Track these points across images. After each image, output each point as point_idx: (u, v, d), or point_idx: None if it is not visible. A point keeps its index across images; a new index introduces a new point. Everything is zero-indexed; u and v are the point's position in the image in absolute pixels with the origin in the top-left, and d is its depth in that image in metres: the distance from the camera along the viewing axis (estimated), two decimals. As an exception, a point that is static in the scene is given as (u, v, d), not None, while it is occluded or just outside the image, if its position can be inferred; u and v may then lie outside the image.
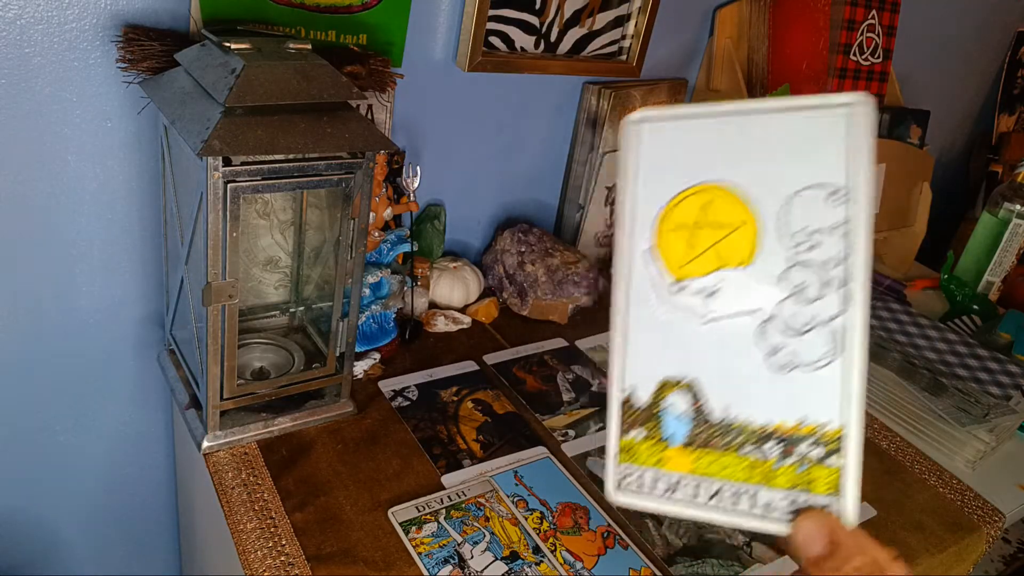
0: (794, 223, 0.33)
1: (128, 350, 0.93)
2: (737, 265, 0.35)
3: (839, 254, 0.33)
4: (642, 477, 0.36)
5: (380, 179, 0.90)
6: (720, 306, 0.35)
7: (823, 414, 0.33)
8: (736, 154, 0.35)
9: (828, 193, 0.33)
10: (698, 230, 0.35)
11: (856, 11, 1.28)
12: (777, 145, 0.34)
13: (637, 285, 0.37)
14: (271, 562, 0.66)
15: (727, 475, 0.34)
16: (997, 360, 0.99)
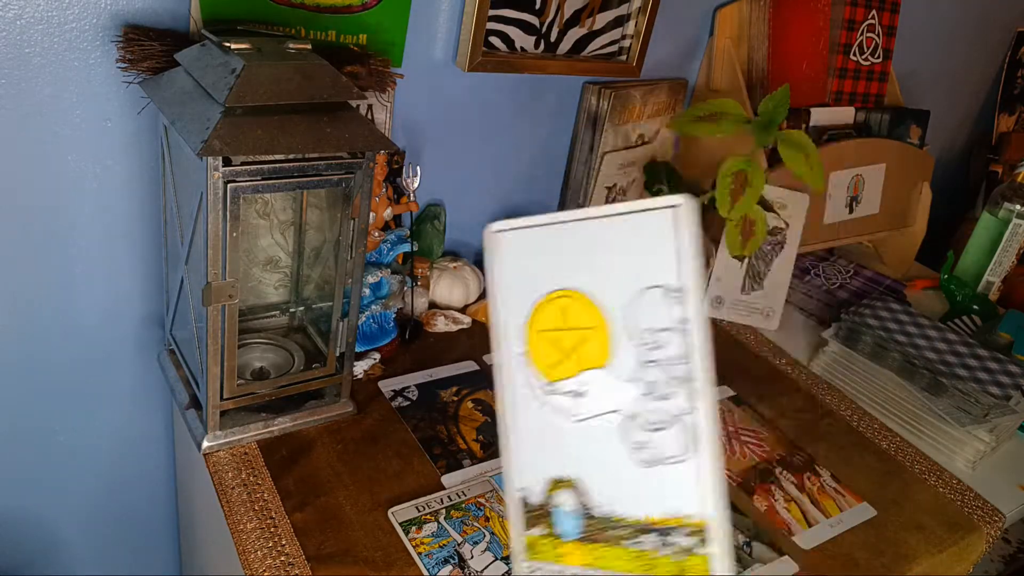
0: (640, 323, 0.35)
1: (128, 350, 0.93)
2: (596, 366, 0.36)
3: (682, 352, 0.34)
4: (546, 573, 0.37)
5: (380, 179, 0.90)
6: (587, 406, 0.36)
7: (687, 506, 0.34)
8: (582, 259, 0.36)
9: (664, 293, 0.34)
10: (560, 334, 0.37)
11: (856, 11, 1.28)
12: (615, 249, 0.35)
13: (516, 389, 0.38)
14: (271, 562, 0.66)
15: (618, 567, 0.36)
16: (997, 360, 0.99)
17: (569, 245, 0.37)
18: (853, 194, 1.24)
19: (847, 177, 1.23)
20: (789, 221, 1.13)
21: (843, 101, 1.30)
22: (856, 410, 1.00)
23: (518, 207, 1.17)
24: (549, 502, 0.37)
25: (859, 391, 1.02)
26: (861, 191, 1.25)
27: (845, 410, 1.00)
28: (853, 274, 1.32)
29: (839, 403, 1.01)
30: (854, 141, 1.25)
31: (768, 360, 1.07)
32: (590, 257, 0.36)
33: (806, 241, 1.18)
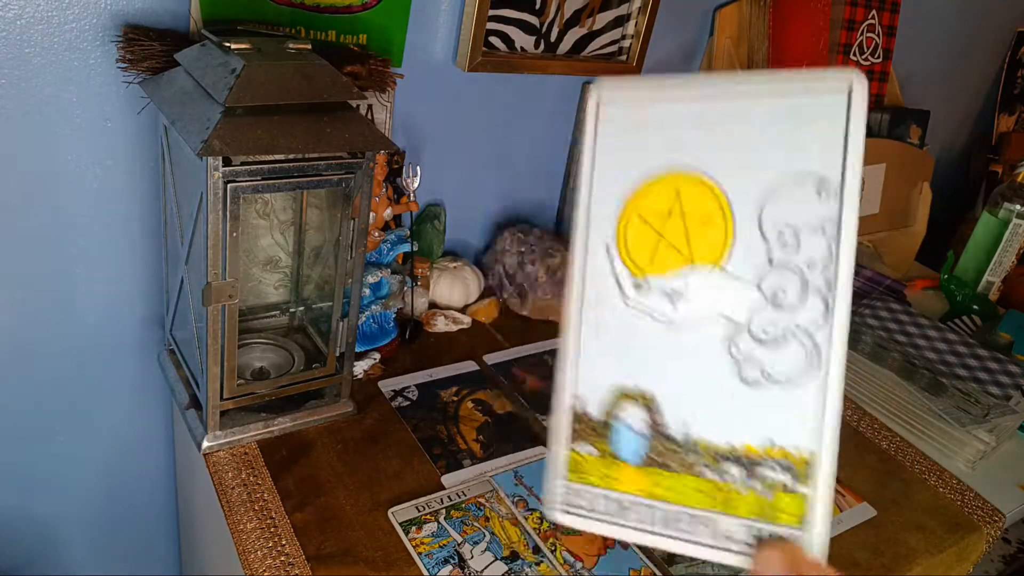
0: (775, 219, 0.29)
1: (128, 350, 0.93)
2: (708, 264, 0.30)
3: (823, 257, 0.28)
4: (590, 497, 0.32)
5: (380, 179, 0.90)
6: (686, 310, 0.30)
7: (793, 437, 0.29)
8: (712, 137, 0.30)
9: (815, 185, 0.28)
10: (665, 223, 0.30)
11: (856, 11, 1.28)
12: (760, 129, 0.29)
13: (594, 283, 0.33)
14: (271, 562, 0.66)
15: (684, 500, 0.31)
16: (997, 360, 0.99)
17: (694, 119, 0.30)
18: (853, 194, 1.24)
19: (847, 177, 1.23)
20: (789, 221, 1.13)
21: (843, 101, 1.30)
22: (856, 410, 1.00)
23: (518, 207, 1.17)
24: (611, 417, 0.31)
25: (859, 391, 1.02)
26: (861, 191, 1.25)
27: (845, 410, 1.00)
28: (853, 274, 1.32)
29: (839, 403, 1.01)
30: (854, 141, 1.25)
31: (768, 360, 1.07)
32: (721, 136, 0.30)
33: (806, 241, 1.17)
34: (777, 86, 0.29)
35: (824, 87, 0.28)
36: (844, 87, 0.28)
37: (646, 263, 0.31)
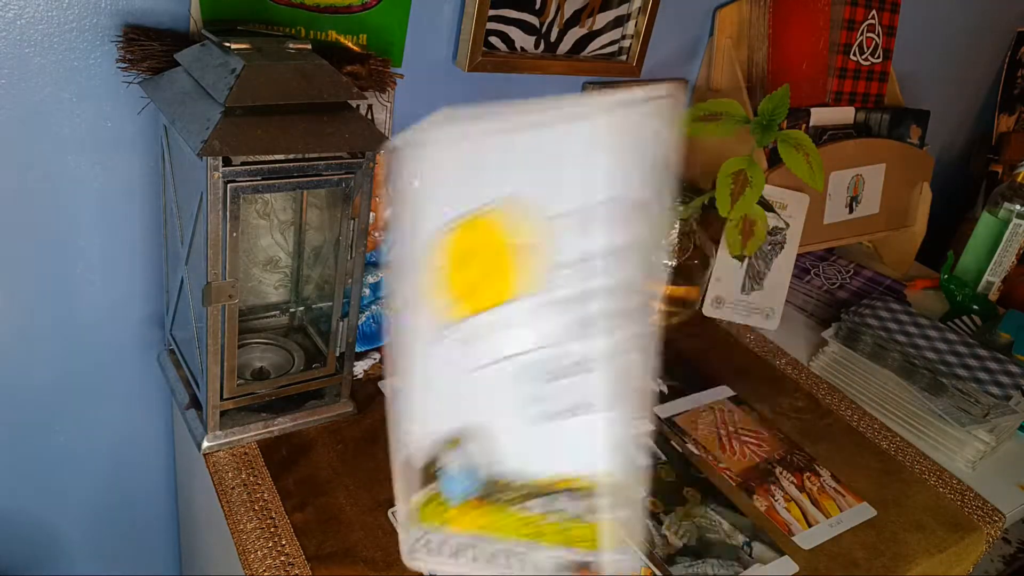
0: (578, 244, 0.27)
1: (128, 350, 0.93)
2: (509, 299, 0.28)
3: (628, 281, 0.27)
4: (431, 539, 0.32)
5: (380, 179, 0.90)
6: (485, 350, 0.29)
7: (581, 465, 0.28)
8: (514, 169, 0.29)
9: (617, 205, 0.27)
10: (471, 262, 0.29)
11: (856, 11, 1.28)
12: (562, 154, 0.28)
13: (409, 331, 0.31)
14: (271, 562, 0.66)
15: (504, 532, 0.30)
16: (997, 360, 1.00)
17: (499, 154, 0.28)
18: (853, 194, 1.24)
19: (847, 177, 1.23)
20: (789, 221, 1.13)
21: (843, 101, 1.30)
22: (856, 410, 1.00)
23: (518, 207, 1.17)
24: (439, 459, 0.31)
25: (859, 391, 1.02)
26: (861, 191, 1.25)
27: (845, 410, 1.00)
28: (853, 274, 1.32)
29: (839, 403, 1.01)
30: (854, 141, 1.25)
31: (768, 360, 1.07)
32: (525, 166, 0.28)
33: (806, 241, 1.18)
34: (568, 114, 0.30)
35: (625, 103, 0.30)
36: (650, 99, 0.29)
37: (454, 307, 0.32)
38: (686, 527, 0.76)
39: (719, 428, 0.91)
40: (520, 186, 0.28)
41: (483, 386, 0.29)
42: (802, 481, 0.85)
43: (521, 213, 0.27)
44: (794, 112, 1.18)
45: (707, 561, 0.73)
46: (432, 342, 0.29)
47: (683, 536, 0.75)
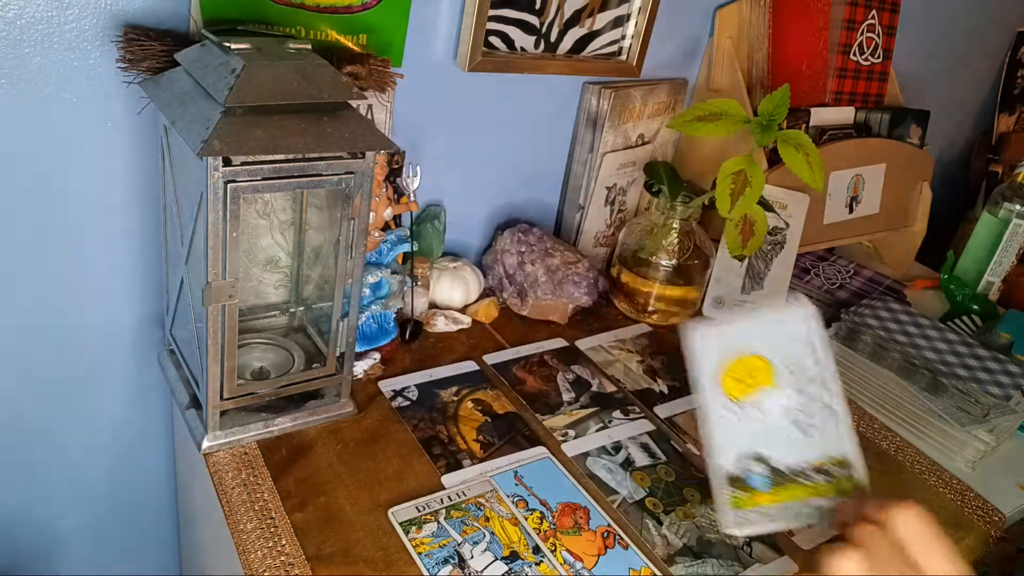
0: (792, 360, 0.58)
1: (128, 350, 0.93)
2: (766, 385, 0.58)
3: (820, 376, 0.58)
4: (746, 515, 0.56)
5: (380, 179, 0.90)
6: (767, 408, 0.58)
7: (834, 449, 0.57)
8: (758, 340, 0.59)
9: (805, 347, 0.58)
10: (740, 376, 0.59)
11: (856, 11, 1.28)
12: (772, 332, 0.59)
13: (714, 411, 0.58)
14: (271, 562, 0.66)
15: (796, 497, 0.56)
16: (997, 360, 1.00)
17: (747, 332, 0.59)
18: (853, 194, 1.24)
19: (847, 177, 1.23)
20: (789, 221, 1.13)
21: (843, 101, 1.30)
22: (856, 410, 1.00)
23: (518, 207, 1.17)
24: (743, 471, 0.57)
25: (859, 391, 1.02)
26: (861, 191, 1.25)
27: (845, 410, 1.00)
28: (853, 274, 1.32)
29: (839, 403, 1.01)
30: (854, 141, 1.25)
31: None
32: (765, 338, 0.59)
33: (806, 241, 1.18)
34: (777, 315, 0.59)
35: (795, 314, 0.59)
36: (804, 311, 0.59)
37: (736, 395, 0.58)
38: (686, 527, 0.76)
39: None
40: (760, 347, 0.59)
41: (771, 425, 0.58)
42: (802, 481, 0.85)
43: (762, 358, 0.59)
44: (794, 112, 1.18)
45: (707, 561, 0.73)
46: (731, 408, 0.58)
47: (683, 536, 0.75)
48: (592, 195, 1.14)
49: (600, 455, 0.84)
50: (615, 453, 0.85)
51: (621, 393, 0.94)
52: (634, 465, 0.83)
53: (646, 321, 1.11)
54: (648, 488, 0.80)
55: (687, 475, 0.83)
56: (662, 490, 0.81)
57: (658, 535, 0.75)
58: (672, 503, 0.79)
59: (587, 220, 1.16)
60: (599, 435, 0.87)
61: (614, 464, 0.83)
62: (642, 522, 0.76)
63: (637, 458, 0.84)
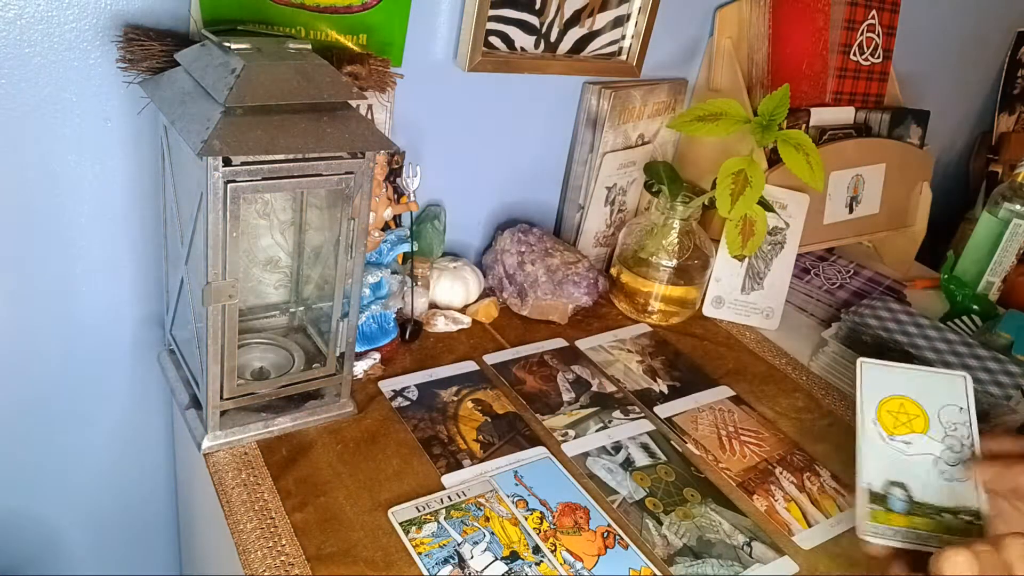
0: (945, 417, 0.70)
1: (128, 350, 0.93)
2: (920, 432, 0.69)
3: (966, 434, 0.68)
4: (880, 528, 0.64)
5: (380, 179, 0.90)
6: (915, 449, 0.68)
7: (967, 502, 0.64)
8: (915, 383, 0.73)
9: (958, 410, 0.70)
10: (897, 415, 0.70)
11: (856, 11, 1.28)
12: (933, 387, 0.72)
13: (869, 437, 0.69)
14: (271, 562, 0.66)
15: (927, 527, 0.63)
16: (997, 360, 1.00)
17: (905, 376, 0.74)
18: (853, 194, 1.24)
19: (847, 177, 1.23)
20: (789, 221, 1.13)
21: (843, 101, 1.30)
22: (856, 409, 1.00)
23: (518, 207, 1.17)
24: (886, 492, 0.66)
25: (859, 391, 1.02)
26: (861, 191, 1.25)
27: (845, 410, 1.00)
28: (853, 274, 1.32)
29: (839, 403, 1.01)
30: (854, 141, 1.25)
31: (768, 360, 1.07)
32: (923, 387, 0.72)
33: (806, 241, 1.18)
34: (943, 374, 0.74)
35: (957, 378, 0.72)
36: (963, 376, 0.72)
37: (891, 430, 0.70)
38: (686, 527, 0.76)
39: (719, 428, 0.91)
40: (920, 395, 0.72)
41: (915, 461, 0.67)
42: (802, 481, 0.85)
43: (919, 406, 0.71)
44: (794, 112, 1.18)
45: (707, 561, 0.73)
46: (885, 441, 0.69)
47: (683, 536, 0.75)
48: (592, 195, 1.14)
49: (600, 455, 0.84)
50: (615, 453, 0.85)
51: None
52: (634, 465, 0.83)
53: (646, 321, 1.11)
54: (648, 488, 0.80)
55: (687, 475, 0.83)
56: (662, 490, 0.81)
57: (658, 535, 0.75)
58: (672, 503, 0.79)
59: (587, 220, 1.16)
60: (599, 435, 0.87)
61: (614, 464, 0.83)
62: (642, 522, 0.76)
63: (637, 458, 0.84)
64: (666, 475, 0.83)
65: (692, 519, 0.78)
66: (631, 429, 0.89)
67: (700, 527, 0.77)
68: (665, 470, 0.84)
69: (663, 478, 0.82)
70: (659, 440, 0.88)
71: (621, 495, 0.79)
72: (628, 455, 0.85)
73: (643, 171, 1.16)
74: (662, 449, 0.86)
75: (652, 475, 0.82)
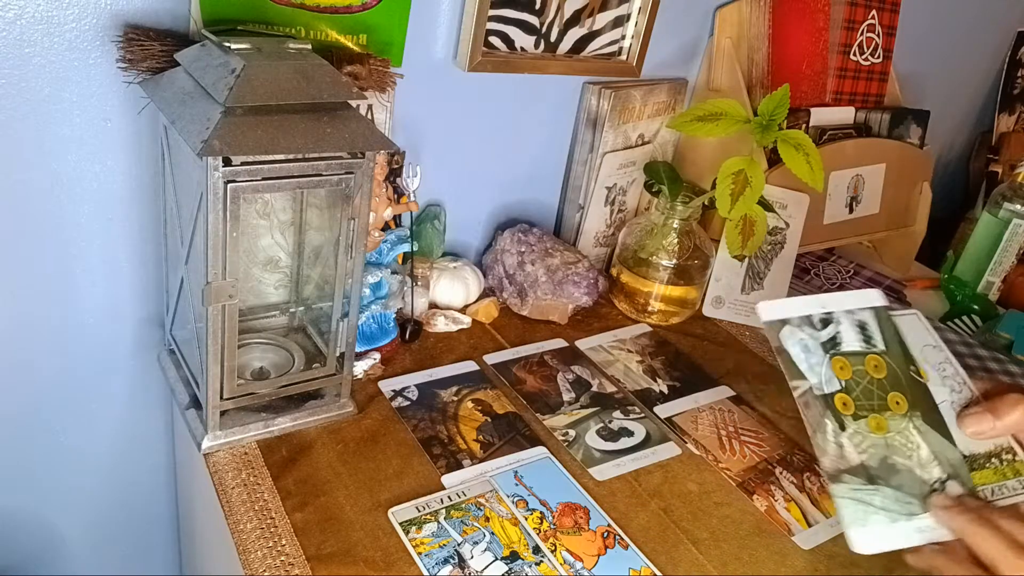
0: (931, 360, 0.65)
1: (128, 350, 0.93)
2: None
3: (953, 371, 0.65)
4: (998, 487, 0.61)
5: (380, 179, 0.90)
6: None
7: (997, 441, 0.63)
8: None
9: (934, 348, 0.65)
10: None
11: (856, 11, 1.28)
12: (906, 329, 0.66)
13: (817, 429, 0.62)
14: (271, 562, 0.66)
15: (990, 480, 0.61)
16: (997, 360, 1.00)
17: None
18: (853, 194, 1.24)
19: (847, 177, 1.23)
20: (789, 221, 1.13)
21: (843, 101, 1.30)
22: (856, 410, 1.00)
23: (518, 207, 1.17)
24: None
25: (859, 391, 1.02)
26: (861, 191, 1.25)
27: (845, 410, 1.00)
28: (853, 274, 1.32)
29: (839, 403, 1.01)
30: (854, 141, 1.25)
31: (768, 360, 1.07)
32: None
33: (806, 241, 1.18)
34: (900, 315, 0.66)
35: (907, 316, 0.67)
36: (914, 313, 0.66)
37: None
38: (872, 441, 0.60)
39: (719, 428, 0.91)
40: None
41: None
42: (802, 481, 0.85)
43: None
44: (794, 112, 1.18)
45: (880, 490, 0.57)
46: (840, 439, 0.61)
47: (864, 451, 0.59)
48: (592, 195, 1.14)
49: (803, 326, 0.65)
50: (821, 328, 0.65)
51: (621, 393, 0.94)
52: (839, 348, 0.64)
53: (646, 321, 1.11)
54: (845, 381, 0.62)
55: (902, 377, 0.63)
56: (862, 388, 0.62)
57: (833, 441, 0.60)
58: (867, 407, 0.61)
59: (587, 220, 1.16)
60: (809, 301, 0.67)
61: (814, 341, 0.64)
62: (821, 421, 0.60)
63: (847, 339, 0.64)
64: (876, 370, 0.63)
65: (884, 433, 0.60)
66: (853, 301, 0.66)
67: (891, 446, 0.59)
68: (877, 362, 0.63)
69: (868, 372, 0.62)
70: (883, 321, 0.65)
71: (808, 383, 0.62)
72: (837, 332, 0.64)
73: (643, 171, 1.16)
74: (884, 332, 0.64)
75: (858, 365, 0.63)
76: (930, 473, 0.59)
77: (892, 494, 0.57)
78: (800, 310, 0.65)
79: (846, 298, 0.65)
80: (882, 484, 0.57)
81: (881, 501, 0.57)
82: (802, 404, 0.61)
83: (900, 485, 0.58)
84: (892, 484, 0.58)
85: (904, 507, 0.57)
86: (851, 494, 0.57)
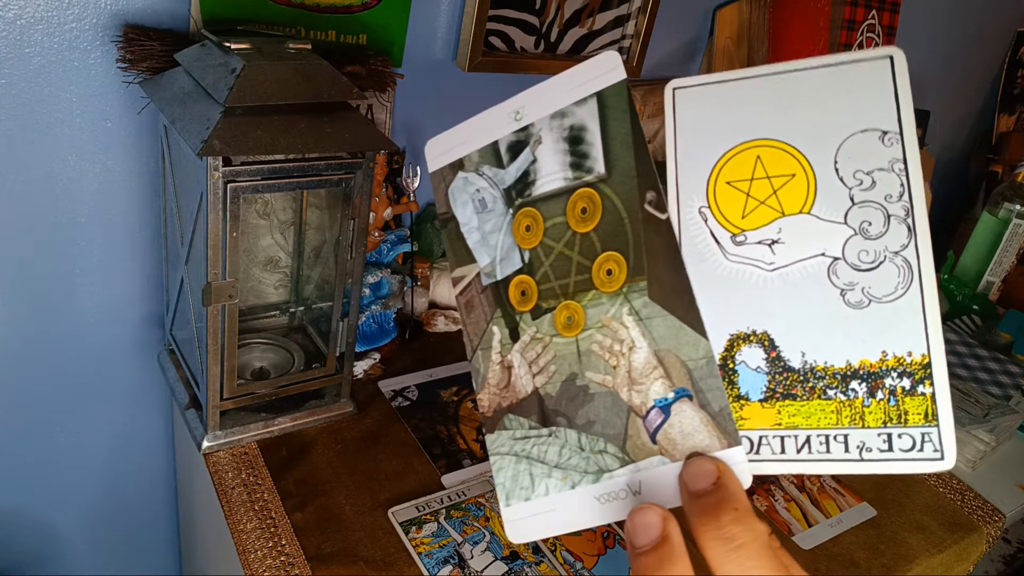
0: (849, 166, 0.34)
1: (128, 350, 0.93)
2: (797, 212, 0.34)
3: (899, 189, 0.33)
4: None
5: (380, 179, 0.90)
6: (785, 254, 0.34)
7: (905, 344, 0.33)
8: (779, 110, 0.35)
9: (879, 135, 0.33)
10: (751, 184, 0.35)
11: (856, 11, 1.28)
12: (820, 98, 0.34)
13: (694, 244, 0.35)
14: (271, 562, 0.66)
15: (813, 423, 0.33)
16: (997, 360, 1.00)
17: (762, 97, 0.35)
18: (853, 194, 1.24)
19: (847, 177, 1.23)
20: (789, 221, 1.13)
21: (843, 101, 1.30)
22: (856, 410, 1.00)
23: (518, 207, 1.17)
24: (729, 362, 0.34)
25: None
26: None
27: (845, 410, 1.00)
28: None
29: (839, 403, 1.01)
30: (854, 141, 1.24)
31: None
32: (787, 108, 0.35)
33: (806, 241, 1.17)
34: (825, 65, 0.34)
35: (868, 59, 0.34)
36: (886, 56, 0.33)
37: (740, 220, 0.35)
38: (558, 350, 0.36)
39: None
40: (785, 121, 0.35)
41: (790, 282, 0.34)
42: (802, 481, 0.85)
43: (794, 150, 0.35)
44: (794, 112, 1.18)
45: (558, 435, 0.35)
46: (727, 250, 0.35)
47: (542, 370, 0.34)
48: (592, 195, 1.14)
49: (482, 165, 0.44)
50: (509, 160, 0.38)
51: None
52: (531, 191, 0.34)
53: (646, 321, 1.10)
54: (528, 254, 0.30)
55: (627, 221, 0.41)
56: (552, 260, 0.31)
57: (499, 364, 0.30)
58: (559, 291, 0.28)
59: (587, 220, 1.16)
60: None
61: (494, 190, 0.46)
62: (487, 328, 0.37)
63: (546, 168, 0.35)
64: (582, 219, 0.39)
65: (579, 332, 0.37)
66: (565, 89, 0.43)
67: (585, 354, 0.36)
68: (587, 203, 0.40)
69: (572, 227, 0.38)
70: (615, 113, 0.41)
71: (475, 267, 0.41)
72: (533, 162, 0.41)
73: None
74: (612, 132, 0.41)
75: (556, 217, 0.39)
76: (643, 393, 0.35)
77: (575, 440, 0.35)
78: (481, 136, 0.43)
79: (557, 85, 0.42)
80: (563, 424, 0.36)
81: (557, 454, 0.36)
82: (463, 307, 0.40)
83: (590, 423, 0.35)
84: (578, 422, 0.36)
85: (589, 461, 0.35)
86: (511, 447, 0.37)
